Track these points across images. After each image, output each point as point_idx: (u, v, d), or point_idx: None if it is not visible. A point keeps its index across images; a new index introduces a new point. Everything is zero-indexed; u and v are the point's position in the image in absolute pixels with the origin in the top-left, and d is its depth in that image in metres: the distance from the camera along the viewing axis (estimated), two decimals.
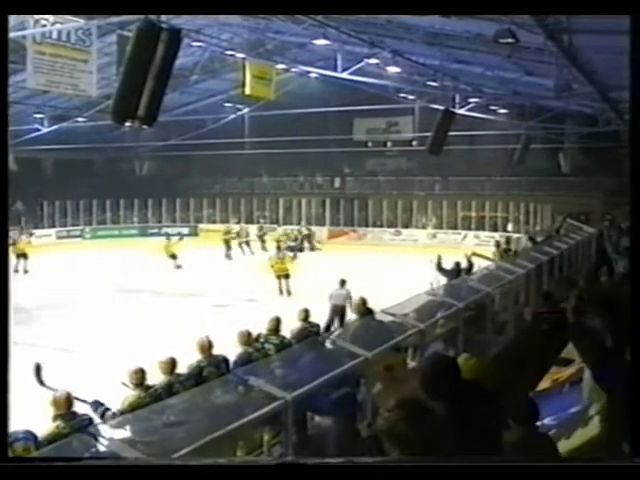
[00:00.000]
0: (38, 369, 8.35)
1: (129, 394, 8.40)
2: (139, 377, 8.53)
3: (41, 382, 8.26)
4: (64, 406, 7.73)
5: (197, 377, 8.79)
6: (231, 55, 28.27)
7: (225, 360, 9.39)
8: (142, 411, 7.30)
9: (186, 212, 51.52)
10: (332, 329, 16.61)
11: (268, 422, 7.20)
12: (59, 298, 24.73)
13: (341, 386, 7.91)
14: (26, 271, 31.95)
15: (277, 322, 10.53)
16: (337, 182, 49.51)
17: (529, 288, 15.26)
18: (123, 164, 53.38)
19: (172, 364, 8.84)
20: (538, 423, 5.43)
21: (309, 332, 10.76)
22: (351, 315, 15.59)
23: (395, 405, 3.42)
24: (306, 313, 11.39)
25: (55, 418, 7.61)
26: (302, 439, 7.93)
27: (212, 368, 9.05)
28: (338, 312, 18.72)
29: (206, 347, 9.38)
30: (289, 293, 25.41)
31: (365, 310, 11.39)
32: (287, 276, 25.94)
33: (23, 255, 32.76)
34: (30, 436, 6.90)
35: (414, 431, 3.25)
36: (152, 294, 25.62)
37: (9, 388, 2.62)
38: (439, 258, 17.91)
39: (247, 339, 9.83)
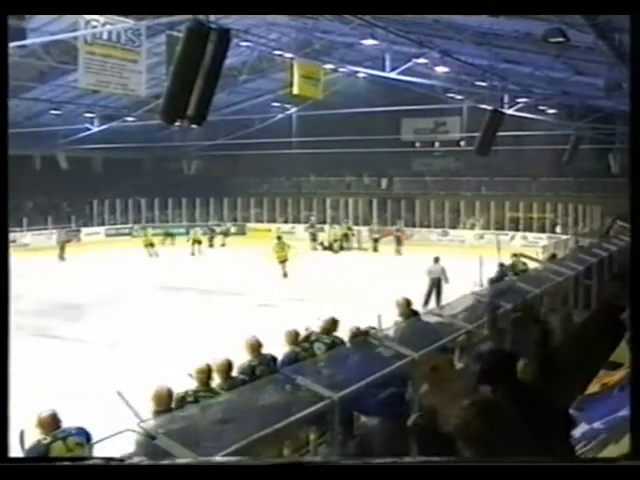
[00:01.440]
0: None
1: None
2: (204, 377, 8.33)
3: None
4: (165, 402, 7.68)
5: (250, 376, 8.70)
6: (279, 55, 28.35)
7: (274, 359, 9.39)
8: (191, 408, 7.34)
9: (233, 211, 51.78)
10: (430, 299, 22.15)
11: (314, 421, 7.19)
12: (108, 295, 25.02)
13: (388, 386, 7.89)
14: (157, 254, 38.55)
15: (333, 323, 10.42)
16: (384, 182, 49.44)
17: (578, 290, 15.10)
18: (171, 163, 53.85)
19: (228, 366, 8.62)
20: (587, 427, 5.39)
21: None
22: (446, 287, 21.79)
23: (470, 404, 3.52)
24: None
25: (155, 414, 7.41)
26: (348, 439, 7.92)
27: (264, 367, 9.02)
28: (435, 284, 22.66)
29: (255, 346, 9.35)
30: (285, 275, 29.68)
31: (409, 311, 11.32)
32: (285, 261, 30.18)
33: (150, 244, 39.40)
34: (83, 432, 6.99)
35: (487, 430, 3.33)
36: (198, 292, 25.79)
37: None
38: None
39: (294, 338, 9.83)
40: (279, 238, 32.57)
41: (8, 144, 2.75)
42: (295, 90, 24.24)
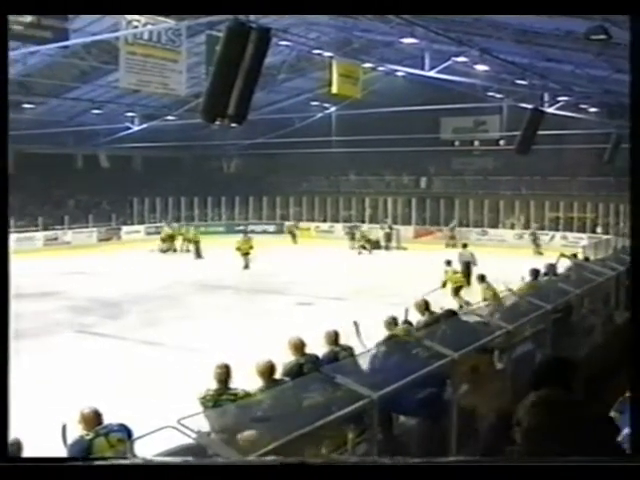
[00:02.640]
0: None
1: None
2: (223, 372, 8.34)
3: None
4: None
5: (297, 375, 8.60)
6: (318, 54, 28.39)
7: (317, 358, 9.40)
8: (231, 405, 7.36)
9: (272, 210, 51.88)
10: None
11: (353, 420, 7.18)
12: (146, 292, 25.18)
13: (427, 386, 7.86)
14: (175, 250, 39.78)
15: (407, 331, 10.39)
16: (423, 181, 49.28)
17: (619, 290, 14.94)
18: (211, 162, 54.17)
19: (270, 368, 8.53)
20: (628, 430, 5.33)
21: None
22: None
23: (536, 400, 3.68)
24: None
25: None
26: (387, 438, 7.91)
27: (310, 365, 9.01)
28: (467, 266, 25.69)
29: (299, 346, 9.35)
30: (247, 267, 31.65)
31: (430, 313, 11.52)
32: (248, 254, 32.21)
33: (170, 238, 40.17)
34: (124, 429, 7.07)
35: (550, 425, 3.50)
36: (236, 291, 25.92)
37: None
38: None
39: (334, 338, 9.83)
40: (245, 233, 35.78)
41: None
42: (334, 89, 24.27)
